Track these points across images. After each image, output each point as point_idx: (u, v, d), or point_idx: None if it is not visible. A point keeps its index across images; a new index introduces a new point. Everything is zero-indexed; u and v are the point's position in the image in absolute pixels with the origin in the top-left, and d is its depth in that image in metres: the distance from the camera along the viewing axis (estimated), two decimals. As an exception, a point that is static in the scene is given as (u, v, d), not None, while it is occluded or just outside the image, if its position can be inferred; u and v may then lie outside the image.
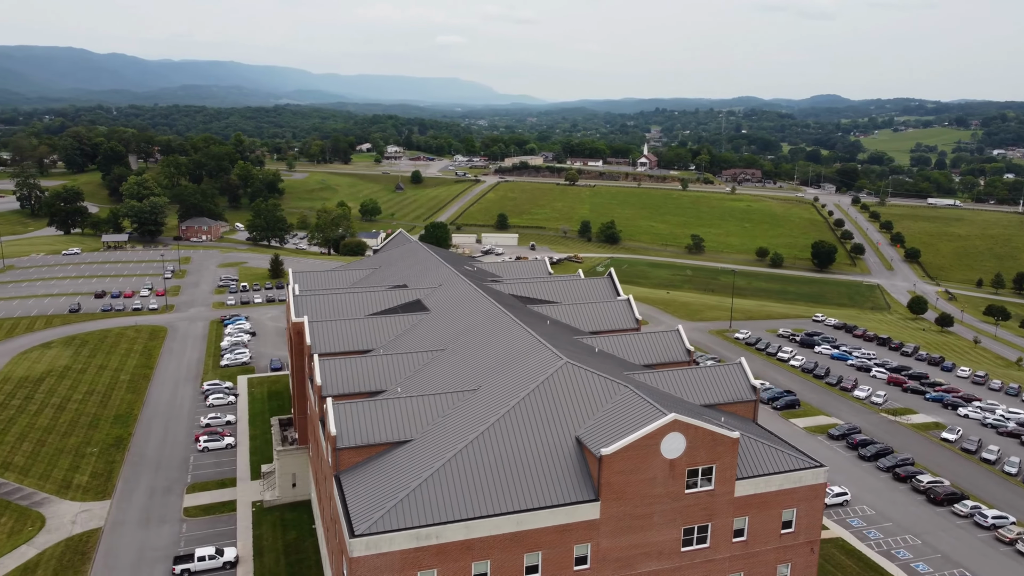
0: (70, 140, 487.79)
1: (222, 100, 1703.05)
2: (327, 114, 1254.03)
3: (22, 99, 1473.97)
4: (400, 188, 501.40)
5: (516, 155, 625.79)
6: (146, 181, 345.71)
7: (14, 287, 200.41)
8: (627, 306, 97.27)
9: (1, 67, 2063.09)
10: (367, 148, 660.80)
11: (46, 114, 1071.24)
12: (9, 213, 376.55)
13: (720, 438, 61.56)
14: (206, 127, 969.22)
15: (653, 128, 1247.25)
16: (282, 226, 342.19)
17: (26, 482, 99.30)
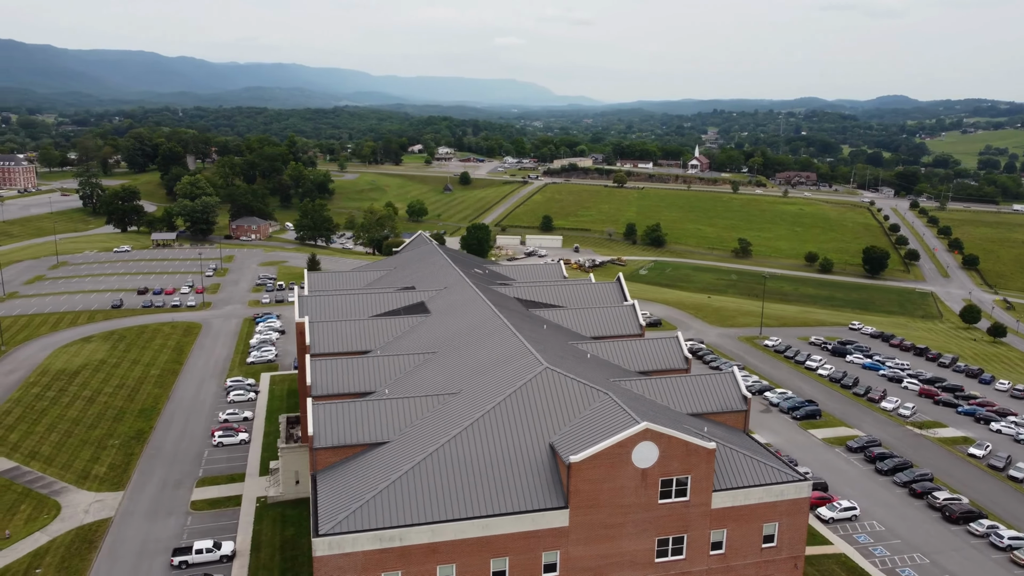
0: (132, 141, 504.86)
1: (284, 102, 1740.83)
2: (384, 115, 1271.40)
3: (95, 101, 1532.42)
4: (448, 189, 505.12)
5: (566, 157, 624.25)
6: (199, 181, 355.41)
7: (64, 283, 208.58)
8: (631, 311, 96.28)
9: (77, 71, 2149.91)
10: (418, 149, 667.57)
11: (116, 116, 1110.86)
12: (72, 211, 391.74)
13: (695, 448, 60.55)
14: (266, 128, 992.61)
15: (710, 130, 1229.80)
16: (328, 226, 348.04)
17: (49, 471, 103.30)
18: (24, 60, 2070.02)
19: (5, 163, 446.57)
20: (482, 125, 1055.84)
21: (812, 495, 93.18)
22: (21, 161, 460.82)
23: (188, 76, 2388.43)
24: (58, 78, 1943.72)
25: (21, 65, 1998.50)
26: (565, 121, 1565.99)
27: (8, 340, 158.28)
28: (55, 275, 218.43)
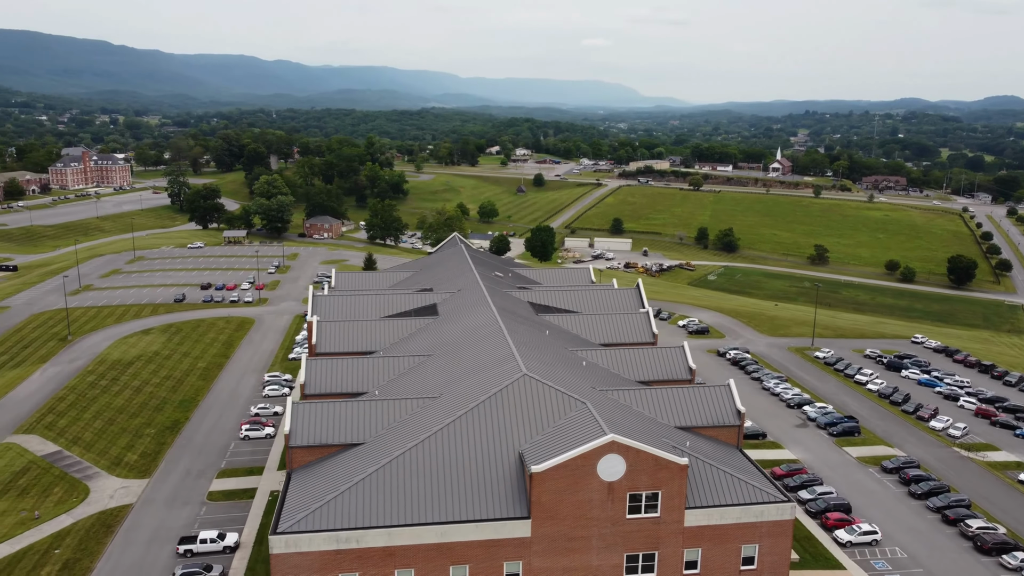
0: (220, 142, 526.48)
1: (374, 103, 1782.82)
2: (468, 117, 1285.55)
3: (197, 103, 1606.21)
4: (521, 191, 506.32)
5: (644, 159, 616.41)
6: (275, 180, 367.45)
7: (136, 277, 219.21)
8: (645, 319, 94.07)
9: (182, 74, 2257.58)
10: (496, 151, 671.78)
11: (214, 117, 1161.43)
12: (160, 208, 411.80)
13: (665, 463, 58.62)
14: (354, 129, 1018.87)
15: (800, 132, 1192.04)
16: (397, 225, 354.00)
17: (86, 457, 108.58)
18: (134, 64, 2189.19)
19: (104, 162, 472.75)
20: (564, 127, 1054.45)
21: (832, 517, 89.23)
22: (119, 160, 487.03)
23: (284, 79, 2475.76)
24: (165, 81, 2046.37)
25: (132, 69, 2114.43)
26: (650, 123, 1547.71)
27: (76, 330, 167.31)
28: (130, 269, 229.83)
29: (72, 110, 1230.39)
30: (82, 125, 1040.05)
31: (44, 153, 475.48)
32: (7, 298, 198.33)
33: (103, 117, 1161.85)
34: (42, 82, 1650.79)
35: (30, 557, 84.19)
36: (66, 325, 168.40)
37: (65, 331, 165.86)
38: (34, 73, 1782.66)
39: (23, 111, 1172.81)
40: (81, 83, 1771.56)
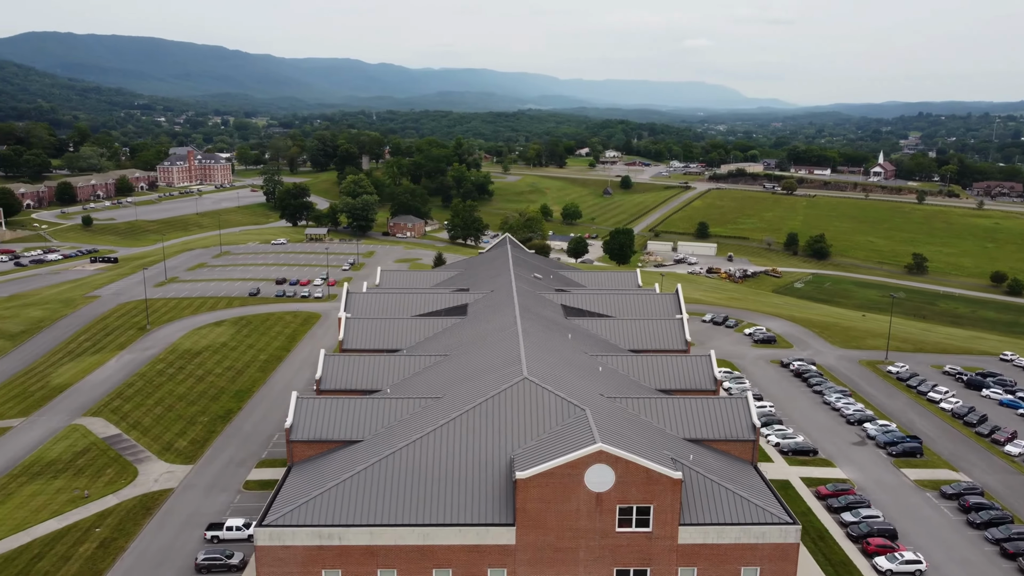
0: (316, 142, 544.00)
1: (472, 105, 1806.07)
2: (563, 119, 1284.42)
3: (303, 105, 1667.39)
4: (608, 193, 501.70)
5: (737, 161, 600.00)
6: (361, 180, 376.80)
7: (219, 271, 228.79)
8: (679, 326, 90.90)
9: (290, 77, 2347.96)
10: (585, 152, 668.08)
11: (318, 119, 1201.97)
12: (255, 206, 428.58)
13: (657, 477, 56.24)
14: (449, 130, 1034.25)
15: (911, 134, 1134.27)
16: (478, 226, 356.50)
17: (141, 441, 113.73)
18: (247, 68, 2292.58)
19: (207, 161, 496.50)
20: (659, 129, 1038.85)
21: (874, 542, 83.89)
22: (221, 159, 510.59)
23: (387, 81, 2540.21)
24: (274, 84, 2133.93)
25: (245, 73, 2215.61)
26: (751, 125, 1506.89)
27: (155, 320, 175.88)
28: (214, 263, 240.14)
29: (188, 112, 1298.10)
30: (196, 126, 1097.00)
31: (153, 152, 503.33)
32: (99, 288, 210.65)
33: (215, 118, 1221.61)
34: (163, 85, 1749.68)
35: (73, 533, 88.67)
36: (147, 315, 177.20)
37: (145, 320, 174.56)
38: (156, 77, 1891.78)
39: (144, 112, 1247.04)
40: (198, 86, 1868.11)
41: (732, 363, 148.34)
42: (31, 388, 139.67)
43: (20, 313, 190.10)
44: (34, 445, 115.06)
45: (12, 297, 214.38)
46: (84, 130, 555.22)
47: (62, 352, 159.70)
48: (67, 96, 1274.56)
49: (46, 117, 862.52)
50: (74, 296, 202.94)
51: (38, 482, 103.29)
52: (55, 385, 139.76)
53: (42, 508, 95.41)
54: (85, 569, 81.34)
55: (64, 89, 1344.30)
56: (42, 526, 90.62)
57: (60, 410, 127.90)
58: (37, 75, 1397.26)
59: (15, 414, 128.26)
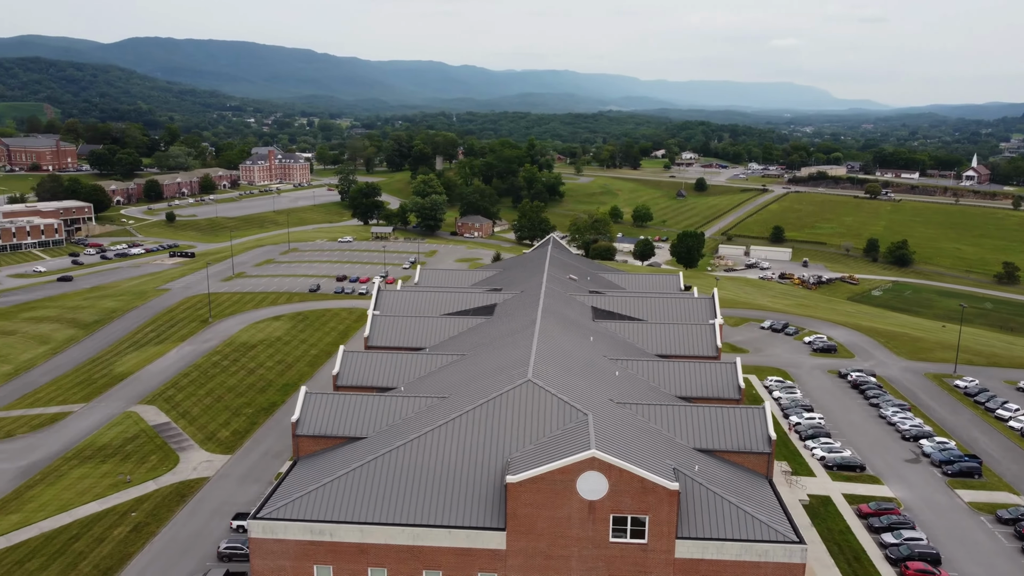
0: (391, 143, 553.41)
1: (553, 107, 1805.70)
2: (642, 120, 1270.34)
3: (386, 107, 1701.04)
4: (681, 195, 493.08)
5: (819, 164, 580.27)
6: (431, 180, 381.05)
7: (285, 267, 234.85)
8: (711, 331, 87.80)
9: (376, 80, 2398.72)
10: (661, 154, 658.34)
11: (399, 120, 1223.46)
12: (330, 204, 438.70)
13: (652, 487, 54.17)
14: (527, 131, 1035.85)
15: (1014, 137, 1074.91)
16: (544, 226, 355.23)
17: (187, 430, 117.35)
18: (334, 71, 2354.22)
19: (287, 160, 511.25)
20: (741, 130, 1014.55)
21: (913, 567, 79.24)
22: (300, 159, 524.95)
23: (469, 83, 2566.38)
24: (360, 86, 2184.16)
25: (332, 75, 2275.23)
26: (840, 127, 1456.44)
27: (217, 313, 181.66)
28: (281, 260, 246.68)
29: (277, 113, 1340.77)
30: (282, 127, 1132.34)
31: (237, 152, 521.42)
32: (171, 281, 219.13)
33: (302, 120, 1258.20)
34: (254, 87, 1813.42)
35: (110, 516, 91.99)
36: (209, 309, 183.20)
37: (207, 314, 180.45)
38: (248, 79, 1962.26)
39: (235, 114, 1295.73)
40: (287, 88, 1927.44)
41: (786, 372, 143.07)
42: (95, 375, 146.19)
43: (96, 304, 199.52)
44: (89, 430, 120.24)
45: (93, 288, 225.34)
46: (174, 130, 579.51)
47: (128, 342, 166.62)
48: (165, 98, 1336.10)
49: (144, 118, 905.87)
50: (147, 289, 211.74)
51: (87, 465, 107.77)
52: (117, 373, 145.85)
53: (87, 491, 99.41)
54: (116, 551, 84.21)
55: (162, 91, 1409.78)
56: (84, 508, 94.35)
57: (118, 397, 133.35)
58: (138, 78, 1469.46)
59: (78, 399, 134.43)
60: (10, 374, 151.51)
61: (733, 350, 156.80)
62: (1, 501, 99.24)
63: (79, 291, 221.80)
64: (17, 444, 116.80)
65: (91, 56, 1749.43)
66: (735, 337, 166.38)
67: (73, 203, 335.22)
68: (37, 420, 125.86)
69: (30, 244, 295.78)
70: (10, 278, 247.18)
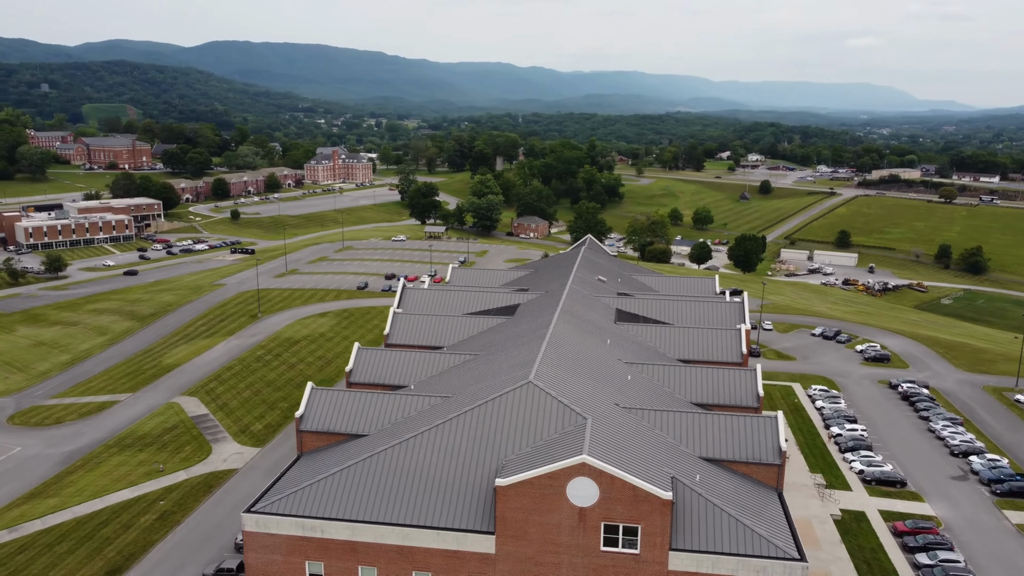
0: (453, 143, 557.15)
1: (620, 108, 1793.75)
2: (710, 121, 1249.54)
3: (453, 108, 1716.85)
4: (744, 197, 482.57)
5: (892, 167, 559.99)
6: (487, 180, 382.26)
7: (337, 264, 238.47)
8: (736, 337, 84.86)
9: (444, 81, 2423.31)
10: (727, 156, 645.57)
11: (465, 121, 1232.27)
12: (390, 204, 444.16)
13: (645, 495, 52.38)
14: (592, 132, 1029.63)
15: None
16: (600, 228, 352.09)
17: (224, 422, 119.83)
18: (404, 73, 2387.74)
19: (351, 160, 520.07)
20: (812, 132, 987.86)
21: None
22: (363, 159, 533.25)
23: (537, 84, 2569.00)
24: (428, 88, 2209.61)
25: (401, 77, 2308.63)
26: (920, 128, 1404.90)
27: (266, 309, 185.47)
28: (334, 257, 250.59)
29: (346, 114, 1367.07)
30: (351, 128, 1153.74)
31: (302, 152, 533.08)
32: (227, 277, 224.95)
33: (370, 121, 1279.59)
34: (326, 89, 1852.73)
35: (140, 504, 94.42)
36: (259, 304, 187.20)
37: (257, 309, 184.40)
38: (320, 81, 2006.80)
39: (307, 115, 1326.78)
40: (358, 90, 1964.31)
41: (833, 381, 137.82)
42: (145, 366, 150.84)
43: (155, 297, 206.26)
44: (132, 419, 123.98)
45: (156, 282, 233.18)
46: (244, 131, 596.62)
47: (180, 335, 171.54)
48: (240, 99, 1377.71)
49: (220, 119, 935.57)
50: (203, 284, 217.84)
51: (126, 453, 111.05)
52: (165, 365, 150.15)
53: (121, 478, 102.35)
54: (140, 538, 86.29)
55: (238, 93, 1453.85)
56: (117, 495, 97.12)
57: (163, 388, 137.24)
58: (216, 80, 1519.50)
59: (125, 389, 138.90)
60: (67, 363, 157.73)
61: (779, 357, 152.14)
62: (43, 485, 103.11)
63: (142, 285, 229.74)
64: (64, 431, 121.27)
65: (173, 59, 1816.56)
66: (783, 344, 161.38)
67: (143, 200, 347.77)
68: (85, 408, 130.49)
69: (102, 239, 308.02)
70: (81, 271, 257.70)
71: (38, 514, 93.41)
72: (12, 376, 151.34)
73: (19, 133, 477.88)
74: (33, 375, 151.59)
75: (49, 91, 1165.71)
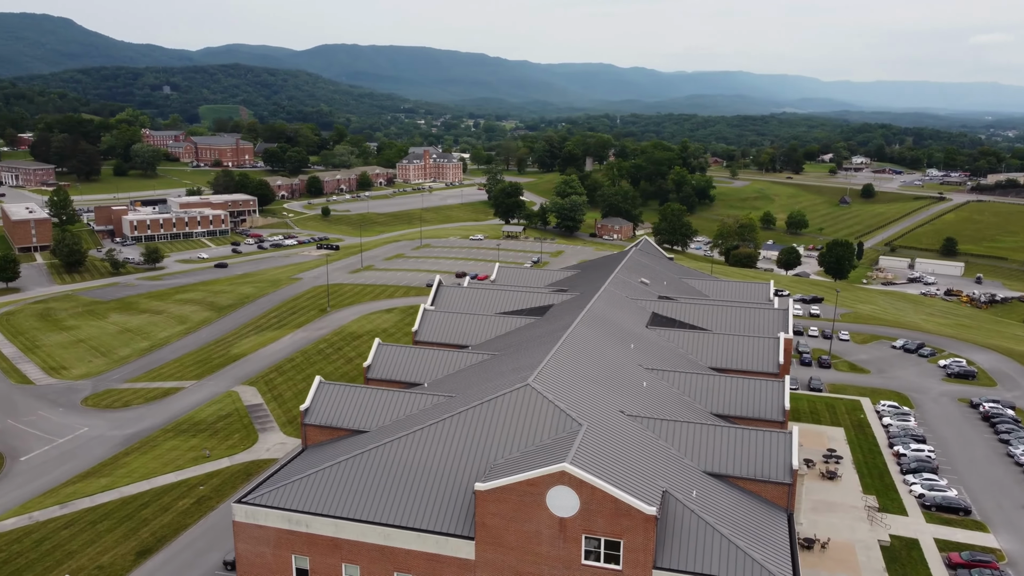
0: (543, 144, 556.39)
1: (723, 109, 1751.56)
2: (816, 122, 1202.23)
3: (552, 109, 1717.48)
4: (845, 202, 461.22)
5: (1011, 171, 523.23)
6: (571, 180, 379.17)
7: (412, 261, 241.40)
8: (774, 346, 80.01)
9: (543, 82, 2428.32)
10: (829, 158, 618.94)
11: (563, 122, 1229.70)
12: (478, 203, 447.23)
13: (627, 509, 49.68)
14: (690, 134, 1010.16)
15: None
16: (685, 231, 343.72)
17: (274, 412, 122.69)
18: (505, 74, 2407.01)
19: (441, 160, 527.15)
20: (927, 134, 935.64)
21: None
22: (453, 159, 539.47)
23: (638, 85, 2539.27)
24: (528, 89, 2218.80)
25: (502, 78, 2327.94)
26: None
27: (336, 303, 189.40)
28: (410, 255, 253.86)
29: (446, 115, 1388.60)
30: (449, 128, 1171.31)
31: (395, 151, 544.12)
32: (304, 272, 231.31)
33: (468, 121, 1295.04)
34: (428, 90, 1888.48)
35: (181, 488, 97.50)
36: (328, 299, 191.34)
37: (326, 303, 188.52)
38: (422, 83, 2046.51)
39: (407, 116, 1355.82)
40: (459, 91, 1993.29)
41: (907, 397, 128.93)
42: (214, 355, 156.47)
43: (236, 289, 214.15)
44: (192, 406, 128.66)
45: (243, 275, 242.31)
46: (342, 130, 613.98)
47: (252, 326, 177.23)
48: (345, 101, 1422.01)
49: (324, 119, 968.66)
50: (282, 277, 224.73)
51: (180, 438, 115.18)
52: (232, 354, 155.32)
53: (171, 462, 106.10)
54: (175, 521, 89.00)
55: (344, 95, 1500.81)
56: (163, 478, 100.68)
57: (226, 377, 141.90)
58: (323, 82, 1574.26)
59: (192, 377, 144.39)
60: (146, 350, 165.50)
61: (851, 369, 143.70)
62: (99, 465, 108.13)
63: (229, 277, 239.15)
64: (129, 414, 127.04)
65: (285, 62, 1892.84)
66: (859, 355, 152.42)
67: (240, 196, 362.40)
68: (152, 393, 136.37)
69: (200, 233, 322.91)
70: (177, 263, 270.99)
71: (89, 492, 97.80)
72: (95, 360, 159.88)
73: (135, 132, 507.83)
74: (114, 360, 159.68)
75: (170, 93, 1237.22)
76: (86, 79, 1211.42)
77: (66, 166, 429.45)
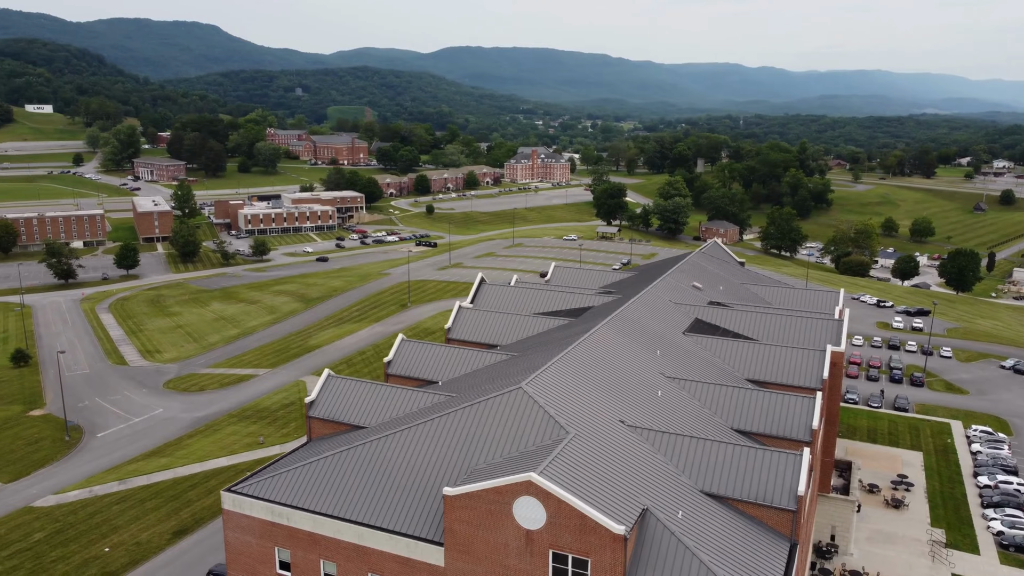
0: (653, 144, 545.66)
1: (856, 109, 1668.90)
2: (959, 124, 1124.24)
3: (674, 110, 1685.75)
4: (980, 208, 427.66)
5: None
6: (676, 182, 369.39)
7: (501, 260, 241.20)
8: (818, 359, 73.59)
9: (668, 83, 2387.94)
10: (966, 162, 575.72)
11: (683, 123, 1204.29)
12: (582, 203, 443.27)
13: (593, 526, 46.36)
14: (817, 136, 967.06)
15: None
16: (795, 236, 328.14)
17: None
18: (627, 75, 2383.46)
19: (550, 160, 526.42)
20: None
21: None
22: (561, 159, 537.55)
23: (766, 85, 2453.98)
24: (651, 89, 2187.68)
25: (624, 79, 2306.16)
26: None
27: (417, 299, 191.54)
28: (500, 253, 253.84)
29: (564, 116, 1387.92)
30: (566, 129, 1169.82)
31: (504, 151, 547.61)
32: (395, 267, 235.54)
33: (586, 122, 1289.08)
34: (548, 91, 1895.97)
35: (228, 472, 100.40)
36: (408, 295, 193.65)
37: (407, 299, 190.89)
38: (543, 84, 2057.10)
39: (526, 116, 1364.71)
40: (579, 92, 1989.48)
41: (1007, 423, 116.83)
42: (291, 346, 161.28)
43: (328, 283, 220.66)
44: (261, 393, 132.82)
45: (340, 269, 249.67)
46: (455, 130, 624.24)
47: (334, 319, 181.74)
48: (466, 102, 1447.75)
49: (444, 120, 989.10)
50: (372, 272, 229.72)
51: (241, 424, 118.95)
52: (309, 346, 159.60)
53: (226, 447, 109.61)
54: (214, 505, 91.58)
55: (465, 96, 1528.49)
56: (215, 461, 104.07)
57: (298, 367, 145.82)
58: (446, 84, 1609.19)
59: (267, 365, 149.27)
60: (233, 337, 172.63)
61: (947, 389, 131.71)
62: (164, 445, 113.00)
63: (326, 271, 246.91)
64: (203, 398, 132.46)
65: (411, 64, 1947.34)
66: (959, 374, 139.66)
67: (348, 193, 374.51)
68: (228, 379, 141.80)
69: (308, 228, 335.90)
70: (283, 256, 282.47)
71: (148, 471, 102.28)
72: (187, 345, 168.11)
73: (260, 131, 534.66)
74: (203, 345, 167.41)
75: (302, 95, 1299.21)
76: (226, 82, 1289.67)
77: (196, 163, 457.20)
